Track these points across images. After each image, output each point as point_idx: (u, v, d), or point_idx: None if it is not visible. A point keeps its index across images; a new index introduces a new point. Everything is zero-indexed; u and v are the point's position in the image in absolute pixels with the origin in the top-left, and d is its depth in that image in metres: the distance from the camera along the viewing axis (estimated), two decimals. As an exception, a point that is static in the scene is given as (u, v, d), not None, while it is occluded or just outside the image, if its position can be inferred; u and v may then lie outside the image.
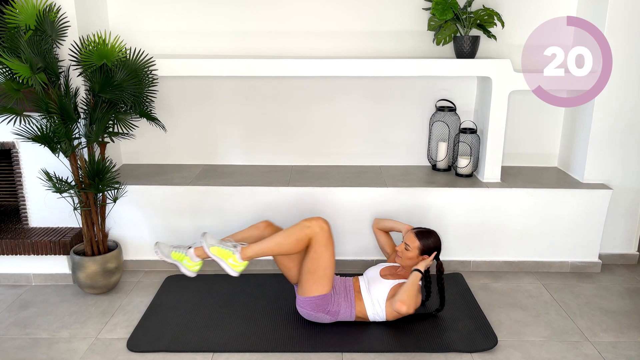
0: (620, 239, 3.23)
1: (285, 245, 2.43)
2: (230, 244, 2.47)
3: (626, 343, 2.45)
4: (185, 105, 3.35)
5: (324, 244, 2.41)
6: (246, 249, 2.45)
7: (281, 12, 3.20)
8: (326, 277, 2.43)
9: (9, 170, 3.16)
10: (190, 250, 2.52)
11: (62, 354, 2.35)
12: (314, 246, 2.41)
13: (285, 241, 2.43)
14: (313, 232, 2.40)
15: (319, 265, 2.41)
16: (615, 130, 3.05)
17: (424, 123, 3.40)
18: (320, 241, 2.40)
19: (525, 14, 3.18)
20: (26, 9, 2.51)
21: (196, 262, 2.53)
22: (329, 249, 2.42)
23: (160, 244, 2.58)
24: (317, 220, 2.43)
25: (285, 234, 2.45)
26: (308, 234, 2.41)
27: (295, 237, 2.42)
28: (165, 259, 2.55)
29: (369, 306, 2.49)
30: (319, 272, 2.42)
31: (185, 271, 2.53)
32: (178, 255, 2.53)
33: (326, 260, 2.42)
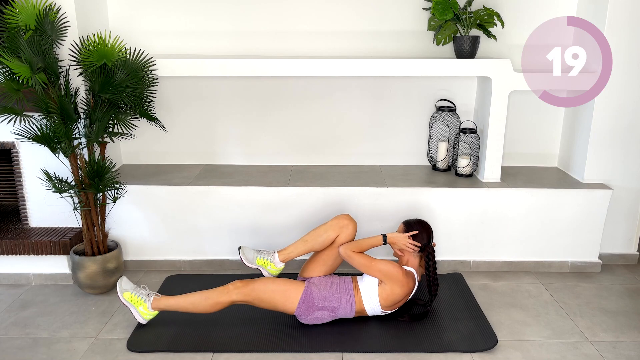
0: (620, 239, 3.23)
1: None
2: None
3: (626, 343, 2.45)
4: (185, 105, 3.35)
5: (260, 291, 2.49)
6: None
7: (281, 12, 3.20)
8: (287, 290, 2.47)
9: (9, 170, 3.16)
10: (275, 255, 2.66)
11: (62, 354, 2.35)
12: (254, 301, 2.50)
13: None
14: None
15: (271, 296, 2.46)
16: (615, 130, 3.05)
17: (424, 123, 3.40)
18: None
19: (525, 14, 3.18)
20: (26, 9, 2.51)
21: (279, 268, 2.67)
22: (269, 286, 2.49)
23: (244, 248, 2.69)
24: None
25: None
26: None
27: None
28: (249, 264, 2.65)
29: (365, 298, 2.50)
30: (277, 297, 2.46)
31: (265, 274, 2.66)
32: (262, 261, 2.66)
33: (272, 290, 2.47)
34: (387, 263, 2.47)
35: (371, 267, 2.46)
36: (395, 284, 2.45)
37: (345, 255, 2.51)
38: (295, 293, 2.46)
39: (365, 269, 2.48)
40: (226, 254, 3.12)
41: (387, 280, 2.46)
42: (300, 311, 2.46)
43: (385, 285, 2.47)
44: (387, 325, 2.52)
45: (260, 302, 2.46)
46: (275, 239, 3.07)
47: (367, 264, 2.47)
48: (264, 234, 3.07)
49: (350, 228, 2.62)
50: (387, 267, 2.45)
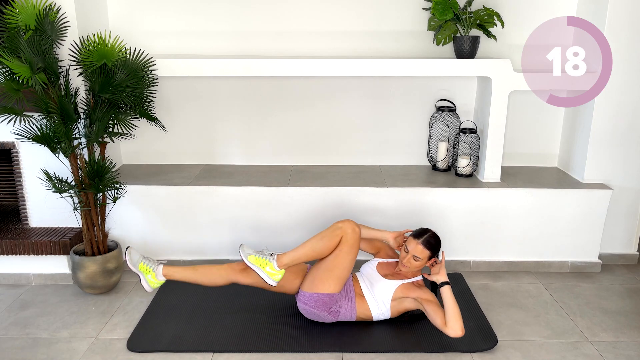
0: (620, 239, 3.23)
1: (319, 249, 2.45)
2: (267, 253, 2.50)
3: (626, 343, 2.45)
4: (185, 105, 3.35)
5: (350, 245, 2.43)
6: (282, 257, 2.45)
7: (281, 12, 3.20)
8: (341, 278, 2.44)
9: (9, 170, 3.16)
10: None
11: (62, 354, 2.35)
12: (341, 246, 2.43)
13: (319, 244, 2.45)
14: (344, 232, 2.43)
15: (338, 265, 2.42)
16: (615, 130, 3.05)
17: (424, 123, 3.40)
18: (349, 242, 2.43)
19: (525, 14, 3.18)
20: (26, 9, 2.51)
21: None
22: (353, 252, 2.44)
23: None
24: (350, 222, 2.46)
25: (319, 237, 2.47)
26: (339, 234, 2.43)
27: (327, 239, 2.44)
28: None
29: (373, 307, 2.49)
30: (336, 271, 2.42)
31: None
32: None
33: (348, 261, 2.43)
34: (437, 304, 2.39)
35: (459, 320, 2.30)
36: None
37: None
38: (336, 287, 2.43)
39: (459, 322, 2.29)
40: (226, 254, 3.12)
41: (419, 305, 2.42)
42: (315, 300, 2.42)
43: (402, 302, 2.45)
44: (387, 325, 2.52)
45: (337, 251, 2.42)
46: (275, 239, 3.07)
47: (460, 316, 2.31)
48: (264, 234, 3.07)
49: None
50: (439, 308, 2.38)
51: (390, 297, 2.46)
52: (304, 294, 2.47)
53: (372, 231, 2.64)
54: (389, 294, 2.47)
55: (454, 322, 2.27)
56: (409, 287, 2.47)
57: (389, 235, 2.61)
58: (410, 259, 2.47)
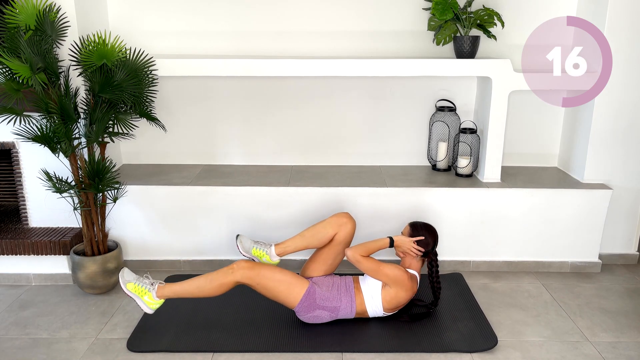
0: (620, 239, 3.23)
1: (207, 289, 2.43)
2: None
3: (626, 343, 2.45)
4: (185, 105, 3.35)
5: (260, 280, 2.43)
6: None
7: (281, 12, 3.20)
8: (291, 284, 2.44)
9: (9, 170, 3.16)
10: (272, 248, 2.62)
11: (62, 354, 2.35)
12: (251, 281, 2.43)
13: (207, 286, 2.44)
14: (235, 278, 2.41)
15: (275, 286, 2.43)
16: (615, 130, 3.05)
17: (424, 123, 3.40)
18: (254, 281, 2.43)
19: (525, 14, 3.18)
20: (26, 9, 2.51)
21: (274, 261, 2.63)
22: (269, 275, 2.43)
23: (242, 236, 2.63)
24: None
25: (208, 278, 2.44)
26: (232, 280, 2.41)
27: (217, 283, 2.42)
28: (245, 253, 2.61)
29: (367, 299, 2.50)
30: (281, 288, 2.43)
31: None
32: (258, 252, 2.62)
33: (276, 279, 2.43)
34: (394, 268, 2.47)
35: (379, 271, 2.45)
36: (400, 287, 2.46)
37: (354, 260, 2.48)
38: (300, 288, 2.45)
39: (372, 274, 2.47)
40: (226, 254, 3.12)
41: (392, 285, 2.46)
42: (301, 308, 2.45)
43: (389, 289, 2.47)
44: (387, 325, 2.52)
45: (263, 289, 2.43)
46: (275, 239, 3.06)
47: (375, 268, 2.46)
48: (264, 234, 3.07)
49: (349, 226, 2.61)
50: (394, 271, 2.45)
51: (380, 286, 2.49)
52: (295, 311, 2.51)
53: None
54: (378, 283, 2.50)
55: (359, 245, 2.50)
56: None
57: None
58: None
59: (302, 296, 2.44)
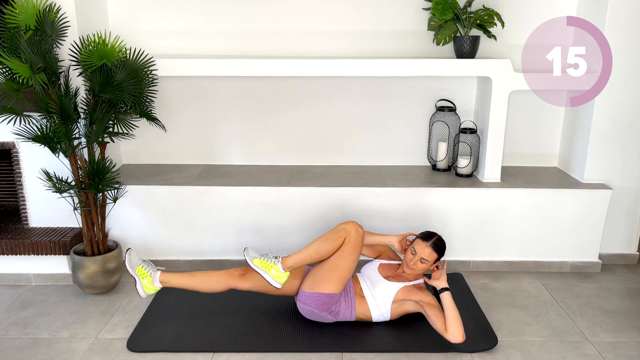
0: (620, 239, 3.23)
1: (323, 250, 2.45)
2: (272, 256, 2.49)
3: (626, 343, 2.45)
4: (185, 105, 3.35)
5: (353, 246, 2.43)
6: (286, 259, 2.45)
7: (281, 12, 3.20)
8: (343, 279, 2.44)
9: (9, 170, 3.16)
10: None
11: (62, 354, 2.35)
12: (344, 246, 2.43)
13: (322, 246, 2.45)
14: (347, 234, 2.44)
15: (340, 265, 2.42)
16: (615, 130, 3.05)
17: (424, 123, 3.40)
18: (352, 243, 2.43)
19: (525, 14, 3.18)
20: (26, 9, 2.51)
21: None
22: (355, 253, 2.44)
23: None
24: (353, 224, 2.47)
25: (322, 239, 2.48)
26: (342, 235, 2.44)
27: (331, 241, 2.45)
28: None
29: (373, 308, 2.49)
30: (339, 271, 2.42)
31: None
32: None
33: (350, 262, 2.43)
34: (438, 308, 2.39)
35: (459, 326, 2.32)
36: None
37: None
38: (338, 287, 2.43)
39: (459, 328, 2.31)
40: (226, 254, 3.12)
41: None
42: (317, 299, 2.42)
43: (404, 304, 2.45)
44: (387, 326, 2.52)
45: (338, 254, 2.44)
46: (275, 238, 3.07)
47: (460, 321, 2.33)
48: (264, 234, 3.07)
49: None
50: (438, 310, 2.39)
51: (392, 299, 2.46)
52: (305, 293, 2.47)
53: (376, 236, 2.64)
54: (390, 296, 2.46)
55: (454, 327, 2.29)
56: (410, 290, 2.46)
57: (393, 239, 2.60)
58: (417, 262, 2.46)
59: (329, 292, 2.42)
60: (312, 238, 2.99)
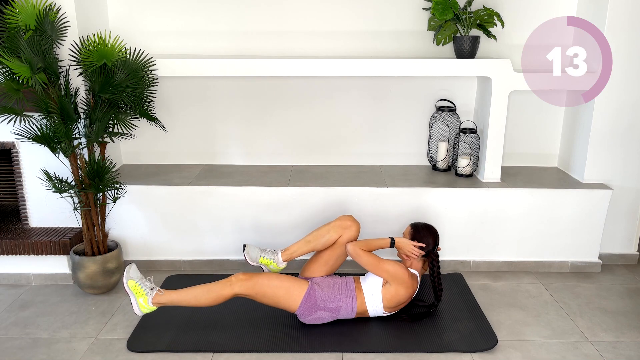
0: (620, 239, 3.23)
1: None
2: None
3: (626, 343, 2.45)
4: (185, 105, 3.35)
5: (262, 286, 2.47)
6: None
7: (281, 12, 3.20)
8: (290, 288, 2.45)
9: (9, 170, 3.16)
10: (278, 255, 2.65)
11: (62, 354, 2.35)
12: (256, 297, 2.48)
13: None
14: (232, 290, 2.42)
15: (274, 293, 2.44)
16: (615, 130, 3.05)
17: (424, 123, 3.40)
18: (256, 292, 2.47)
19: (525, 14, 3.18)
20: (26, 9, 2.51)
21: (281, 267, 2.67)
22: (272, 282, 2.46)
23: (249, 246, 2.64)
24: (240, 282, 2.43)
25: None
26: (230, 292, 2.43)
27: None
28: (253, 263, 2.63)
29: (368, 298, 2.50)
30: (280, 293, 2.44)
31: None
32: (265, 260, 2.64)
33: (275, 286, 2.44)
34: (394, 264, 2.48)
35: (379, 266, 2.46)
36: (400, 285, 2.46)
37: (354, 253, 2.50)
38: (299, 291, 2.45)
39: (372, 268, 2.48)
40: (226, 254, 3.12)
41: (392, 281, 2.46)
42: (302, 310, 2.45)
43: (389, 287, 2.48)
44: (387, 325, 2.52)
45: (262, 297, 2.44)
46: (275, 238, 3.07)
47: (374, 263, 2.47)
48: (264, 234, 3.07)
49: (353, 229, 2.61)
50: (394, 268, 2.46)
51: (380, 285, 2.49)
52: (297, 314, 2.51)
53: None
54: (378, 280, 2.50)
55: (360, 241, 2.54)
56: None
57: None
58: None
59: (302, 298, 2.44)
60: (312, 238, 3.00)
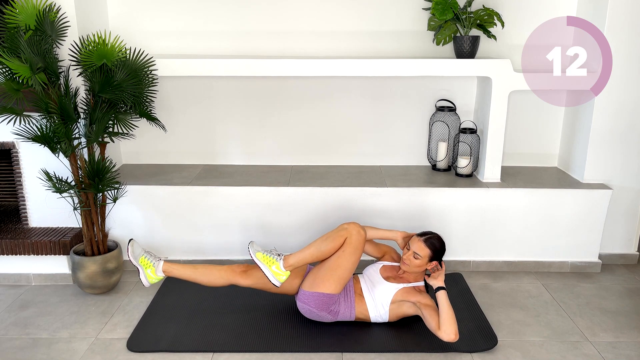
0: (620, 239, 3.23)
1: (324, 249, 2.46)
2: (275, 252, 2.51)
3: (626, 343, 2.45)
4: (185, 105, 3.35)
5: (354, 247, 2.44)
6: (288, 258, 2.46)
7: (281, 12, 3.20)
8: (343, 279, 2.44)
9: (9, 170, 3.16)
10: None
11: (62, 354, 2.35)
12: (345, 247, 2.44)
13: (323, 245, 2.46)
14: (349, 234, 2.44)
15: (341, 265, 2.43)
16: (615, 130, 3.05)
17: (424, 123, 3.40)
18: (353, 244, 2.44)
19: (525, 14, 3.18)
20: (26, 9, 2.51)
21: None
22: (356, 254, 2.45)
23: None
24: (355, 225, 2.47)
25: (324, 238, 2.49)
26: (344, 235, 2.44)
27: (332, 240, 2.46)
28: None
29: (371, 308, 2.49)
30: (339, 271, 2.42)
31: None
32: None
33: (351, 263, 2.43)
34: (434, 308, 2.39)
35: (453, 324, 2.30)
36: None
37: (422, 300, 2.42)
38: (338, 287, 2.43)
39: (453, 325, 2.29)
40: (226, 254, 3.12)
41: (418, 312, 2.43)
42: (317, 299, 2.42)
43: (402, 307, 2.45)
44: (387, 326, 2.52)
45: (338, 254, 2.43)
46: (275, 238, 3.07)
47: (455, 320, 2.31)
48: (265, 234, 3.07)
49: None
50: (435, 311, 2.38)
51: (390, 300, 2.46)
52: (304, 292, 2.47)
53: (381, 231, 2.66)
54: (388, 297, 2.47)
55: (447, 325, 2.27)
56: (409, 291, 2.47)
57: (398, 234, 2.63)
58: (411, 256, 2.47)
59: (329, 292, 2.42)
60: (312, 238, 3.00)
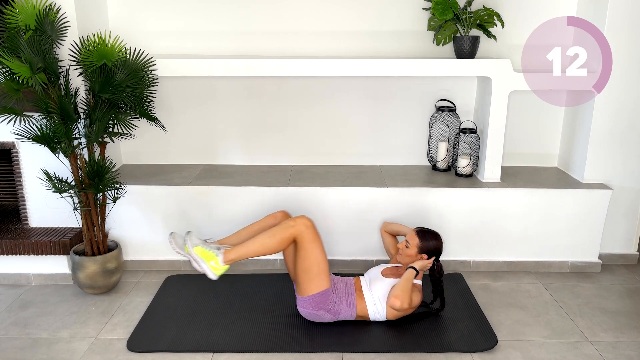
0: (620, 239, 3.22)
1: (270, 246, 2.43)
2: (214, 246, 2.46)
3: (626, 343, 2.45)
4: (185, 105, 3.35)
5: (311, 241, 2.42)
6: (229, 253, 2.42)
7: (281, 12, 3.20)
8: (322, 273, 2.44)
9: (9, 170, 3.16)
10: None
11: (62, 354, 2.35)
12: (303, 244, 2.42)
13: (269, 241, 2.43)
14: (298, 231, 2.42)
15: (312, 263, 2.43)
16: (615, 130, 3.05)
17: (424, 123, 3.40)
18: (308, 238, 2.42)
19: (525, 14, 3.18)
20: (26, 9, 2.51)
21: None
22: (317, 245, 2.44)
23: (191, 234, 2.48)
24: (301, 219, 2.45)
25: (269, 234, 2.45)
26: (292, 233, 2.42)
27: (279, 237, 2.43)
28: (179, 251, 2.46)
29: (370, 304, 2.49)
30: (313, 269, 2.43)
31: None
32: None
33: (317, 255, 2.43)
34: (418, 298, 2.50)
35: (410, 300, 2.43)
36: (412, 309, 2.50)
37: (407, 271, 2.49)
38: (324, 282, 2.43)
39: (403, 293, 2.41)
40: (226, 254, 3.12)
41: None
42: (309, 301, 2.44)
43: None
44: (387, 325, 2.52)
45: (303, 254, 2.41)
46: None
47: (409, 294, 2.42)
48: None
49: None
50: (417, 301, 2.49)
51: (386, 294, 2.48)
52: (299, 299, 2.49)
53: (397, 226, 2.81)
54: (384, 291, 2.49)
55: (398, 290, 2.40)
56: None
57: (408, 229, 2.73)
58: (403, 245, 2.59)
59: (319, 291, 2.43)
60: (312, 238, 3.00)
